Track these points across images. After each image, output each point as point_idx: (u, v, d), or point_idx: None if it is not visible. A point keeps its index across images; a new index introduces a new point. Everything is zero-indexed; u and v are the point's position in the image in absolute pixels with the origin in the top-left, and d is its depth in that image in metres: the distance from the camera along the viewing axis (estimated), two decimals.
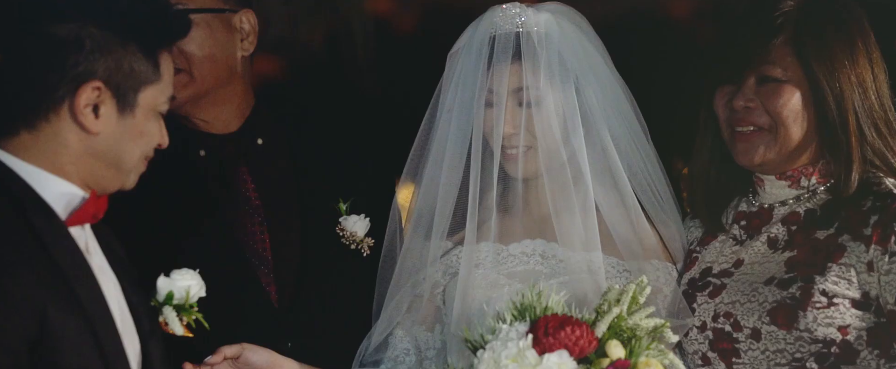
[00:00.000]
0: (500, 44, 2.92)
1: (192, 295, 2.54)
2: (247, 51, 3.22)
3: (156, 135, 2.52)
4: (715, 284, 2.93)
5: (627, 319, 2.60)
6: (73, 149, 2.48)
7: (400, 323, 3.00)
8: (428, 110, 3.04)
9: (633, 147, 3.00)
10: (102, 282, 2.47)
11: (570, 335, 2.50)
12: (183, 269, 2.58)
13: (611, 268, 2.93)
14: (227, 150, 3.21)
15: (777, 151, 2.89)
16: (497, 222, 2.95)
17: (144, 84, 2.49)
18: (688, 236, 3.07)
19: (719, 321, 2.88)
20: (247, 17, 3.20)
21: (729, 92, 2.92)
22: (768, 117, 2.88)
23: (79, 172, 2.49)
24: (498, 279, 2.91)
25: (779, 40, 2.86)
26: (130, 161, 2.51)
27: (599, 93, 2.96)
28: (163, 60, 2.52)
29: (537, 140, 2.92)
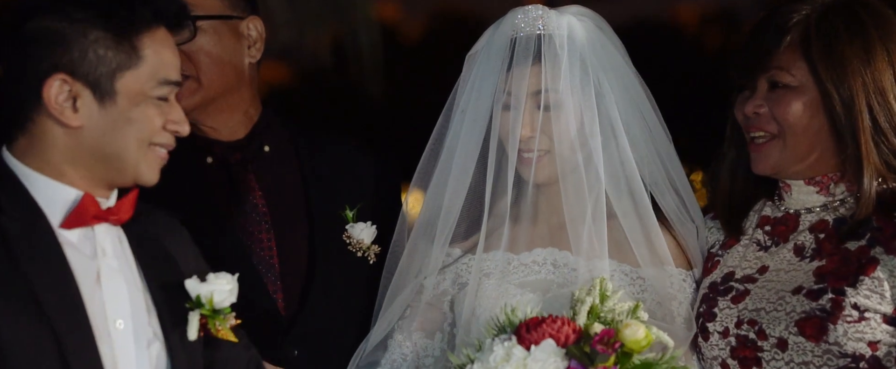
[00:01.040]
0: (521, 46, 2.90)
1: (216, 301, 2.50)
2: (254, 58, 3.22)
3: (150, 121, 2.47)
4: (738, 290, 2.89)
5: (602, 307, 2.60)
6: (63, 146, 2.46)
7: (400, 328, 2.98)
8: (442, 113, 3.02)
9: (654, 152, 2.97)
10: (108, 287, 2.46)
11: (551, 325, 2.51)
12: (221, 273, 2.53)
13: (624, 275, 2.90)
14: (234, 157, 3.21)
15: (790, 158, 2.87)
16: (508, 230, 2.92)
17: (120, 70, 2.44)
18: (708, 237, 3.03)
19: (743, 328, 2.84)
20: (254, 24, 3.20)
21: (745, 97, 2.91)
22: (776, 124, 2.86)
23: (78, 171, 2.47)
24: (508, 289, 2.89)
25: (788, 45, 2.84)
26: (128, 151, 2.46)
27: (620, 97, 2.94)
28: (145, 44, 2.46)
29: (554, 144, 2.90)
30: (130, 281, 2.51)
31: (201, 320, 2.51)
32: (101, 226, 2.49)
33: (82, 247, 2.47)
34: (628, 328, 2.51)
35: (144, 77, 2.46)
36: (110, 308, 2.46)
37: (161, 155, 2.52)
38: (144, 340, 2.48)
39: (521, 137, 2.89)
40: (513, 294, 2.87)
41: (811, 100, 2.84)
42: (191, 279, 2.50)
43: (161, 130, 2.49)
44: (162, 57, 2.47)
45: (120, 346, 2.46)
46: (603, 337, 2.50)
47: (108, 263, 2.49)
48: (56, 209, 2.46)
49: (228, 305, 2.51)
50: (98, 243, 2.49)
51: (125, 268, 2.51)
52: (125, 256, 2.53)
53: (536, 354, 2.48)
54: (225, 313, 2.51)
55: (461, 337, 2.90)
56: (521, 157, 2.90)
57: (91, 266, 2.47)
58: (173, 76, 2.49)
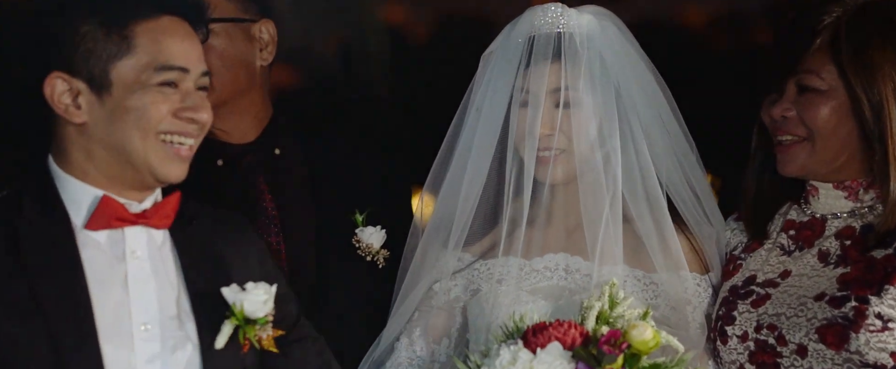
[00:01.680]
0: (540, 44, 2.88)
1: (247, 311, 2.47)
2: (266, 60, 3.23)
3: (149, 109, 2.45)
4: (759, 294, 2.86)
5: (611, 313, 2.58)
6: (78, 145, 2.48)
7: (406, 331, 2.97)
8: (456, 113, 3.00)
9: (673, 154, 2.95)
10: (135, 290, 2.46)
11: (558, 328, 2.50)
12: (259, 283, 2.50)
13: (637, 280, 2.88)
14: (245, 160, 3.22)
15: (818, 162, 2.83)
16: (519, 235, 2.89)
17: (113, 59, 2.45)
18: (731, 239, 3.01)
19: (762, 333, 2.81)
20: (266, 27, 3.21)
21: (772, 100, 2.88)
22: (805, 127, 2.82)
23: (99, 170, 2.49)
24: (520, 296, 2.86)
25: (818, 48, 2.80)
26: (131, 142, 2.46)
27: (640, 98, 2.92)
28: (139, 32, 2.46)
29: (572, 143, 2.87)
30: (164, 285, 2.50)
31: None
32: (134, 229, 2.50)
33: (110, 249, 2.48)
34: (635, 329, 2.49)
35: (140, 65, 2.45)
36: (136, 311, 2.47)
37: (175, 148, 2.49)
38: (173, 344, 2.47)
39: (539, 135, 2.86)
40: (525, 300, 2.84)
41: (840, 105, 2.80)
42: (229, 287, 2.48)
43: (168, 118, 2.47)
44: (161, 44, 2.47)
45: (144, 349, 2.46)
46: (610, 338, 2.49)
47: (138, 266, 2.49)
48: (80, 210, 2.48)
49: (263, 316, 2.48)
50: (128, 245, 2.49)
51: (161, 271, 2.51)
52: (163, 260, 2.52)
53: (542, 357, 2.47)
54: (261, 323, 2.48)
55: (474, 345, 2.88)
56: (538, 156, 2.87)
57: (118, 268, 2.47)
58: (176, 61, 2.47)
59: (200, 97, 2.52)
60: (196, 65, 2.51)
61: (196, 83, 2.52)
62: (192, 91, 2.50)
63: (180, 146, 2.49)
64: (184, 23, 2.51)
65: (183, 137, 2.49)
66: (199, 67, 2.52)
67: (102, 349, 2.41)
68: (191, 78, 2.51)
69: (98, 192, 2.48)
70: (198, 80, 2.52)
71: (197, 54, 2.51)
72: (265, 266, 2.65)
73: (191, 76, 2.50)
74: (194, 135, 2.51)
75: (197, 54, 2.51)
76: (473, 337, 2.90)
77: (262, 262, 2.65)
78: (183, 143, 2.50)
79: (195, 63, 2.51)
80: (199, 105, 2.49)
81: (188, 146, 2.51)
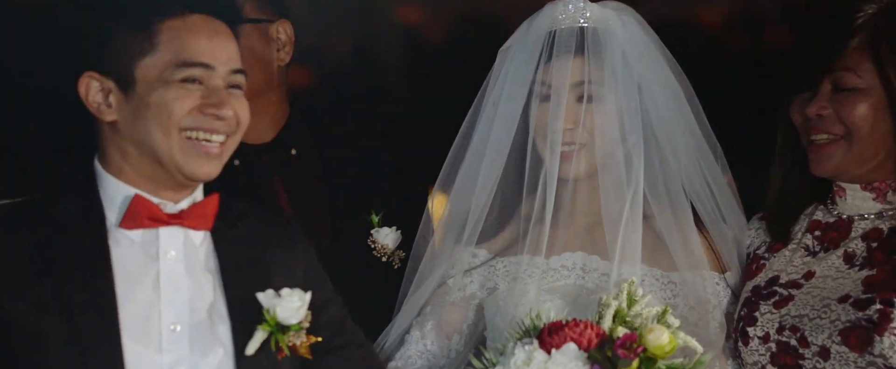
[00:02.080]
0: (562, 38, 2.86)
1: (280, 317, 2.47)
2: (283, 61, 3.25)
3: (170, 104, 2.47)
4: (781, 294, 2.83)
5: (628, 312, 2.56)
6: (113, 143, 2.52)
7: (418, 324, 2.95)
8: (471, 109, 2.98)
9: (692, 152, 2.93)
10: (166, 290, 2.47)
11: (573, 329, 2.47)
12: (294, 290, 2.49)
13: (655, 280, 2.86)
14: (261, 160, 3.23)
15: (854, 161, 2.80)
16: (537, 232, 2.88)
17: (137, 57, 2.48)
18: (755, 239, 2.98)
19: (784, 334, 2.78)
20: (283, 28, 3.23)
21: (804, 99, 2.84)
22: (842, 126, 2.79)
23: (133, 168, 2.51)
24: (537, 294, 2.84)
25: (855, 45, 2.77)
26: (154, 138, 2.48)
27: (660, 94, 2.90)
28: (163, 30, 2.49)
29: (593, 138, 2.85)
30: (198, 287, 2.51)
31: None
32: (169, 229, 2.51)
33: (144, 248, 2.50)
34: (652, 333, 2.47)
35: (162, 62, 2.48)
36: (166, 311, 2.48)
37: (202, 145, 2.50)
38: (202, 346, 2.48)
39: (558, 129, 2.83)
40: (542, 299, 2.82)
41: (878, 102, 2.77)
42: (265, 292, 2.48)
43: (192, 114, 2.48)
44: (184, 41, 2.49)
45: (172, 349, 2.47)
46: (625, 342, 2.46)
47: (170, 266, 2.50)
48: (115, 208, 2.51)
49: (297, 322, 2.47)
50: (161, 245, 2.51)
51: (196, 273, 2.52)
52: (200, 261, 2.53)
53: (557, 358, 2.45)
54: (294, 330, 2.47)
55: (491, 343, 2.86)
56: (556, 151, 2.85)
57: (151, 267, 2.49)
58: (199, 58, 2.49)
59: (229, 94, 2.52)
60: (224, 62, 2.52)
61: (226, 81, 2.53)
62: (220, 88, 2.51)
63: (207, 143, 2.50)
64: (214, 21, 2.53)
65: (209, 134, 2.50)
66: (228, 65, 2.53)
67: (128, 347, 2.43)
68: (218, 75, 2.51)
69: (131, 191, 2.51)
70: (227, 78, 2.53)
71: (227, 52, 2.52)
72: (310, 272, 2.65)
73: (217, 73, 2.51)
74: (221, 131, 2.51)
75: (227, 52, 2.52)
76: (491, 334, 2.89)
77: (306, 268, 2.65)
78: (210, 140, 2.50)
79: (223, 60, 2.52)
80: (224, 101, 2.49)
81: (218, 143, 2.51)
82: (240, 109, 2.53)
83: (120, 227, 2.50)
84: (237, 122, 2.53)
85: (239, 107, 2.53)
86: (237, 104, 2.53)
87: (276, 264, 2.58)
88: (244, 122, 2.55)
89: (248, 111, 2.56)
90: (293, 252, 2.64)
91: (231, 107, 2.50)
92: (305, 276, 2.62)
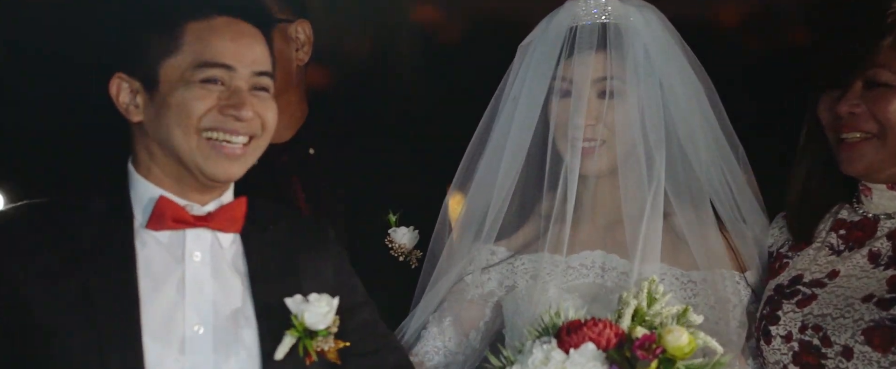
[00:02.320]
0: (583, 34, 2.84)
1: (307, 322, 2.46)
2: (302, 60, 3.25)
3: (188, 104, 2.48)
4: (805, 294, 2.81)
5: (648, 311, 2.54)
6: (141, 144, 2.53)
7: (435, 320, 2.94)
8: (490, 103, 2.96)
9: (714, 151, 2.91)
10: (191, 292, 2.47)
11: (592, 328, 2.45)
12: (322, 295, 2.48)
13: (675, 279, 2.84)
14: (280, 160, 3.23)
15: (886, 159, 2.77)
16: (556, 230, 2.86)
17: (160, 58, 2.50)
18: (778, 237, 2.96)
19: (807, 333, 2.76)
20: (302, 27, 3.23)
21: (834, 97, 2.81)
22: (876, 123, 2.76)
23: (162, 170, 2.53)
24: (556, 293, 2.82)
25: (887, 42, 2.75)
26: (174, 138, 2.49)
27: (682, 92, 2.88)
28: (188, 31, 2.50)
29: (613, 135, 2.83)
30: (224, 290, 2.51)
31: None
32: (196, 231, 2.52)
33: (170, 249, 2.51)
34: (671, 333, 2.45)
35: (184, 63, 2.49)
36: (190, 312, 2.48)
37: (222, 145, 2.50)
38: (225, 349, 2.48)
39: (579, 125, 2.81)
40: (561, 298, 2.81)
41: None
42: (293, 297, 2.47)
43: (211, 115, 2.49)
44: (206, 42, 2.50)
45: (194, 351, 2.47)
46: (643, 343, 2.45)
47: (196, 268, 2.50)
48: (143, 209, 2.52)
49: (324, 328, 2.46)
50: (187, 247, 2.51)
51: (223, 276, 2.52)
52: (228, 263, 2.53)
53: (575, 358, 2.44)
54: (322, 335, 2.47)
55: (510, 341, 2.86)
56: (578, 147, 2.83)
57: (176, 269, 2.50)
58: (220, 59, 2.49)
59: (254, 96, 2.52)
60: (248, 64, 2.52)
61: (249, 82, 2.53)
62: (242, 90, 2.51)
63: (227, 144, 2.50)
64: (241, 24, 2.53)
65: (229, 135, 2.50)
66: (252, 67, 2.52)
67: (149, 347, 2.43)
68: (240, 77, 2.51)
69: (158, 192, 2.52)
70: (251, 80, 2.53)
71: (252, 54, 2.52)
72: (340, 276, 2.65)
73: (240, 75, 2.51)
74: (242, 132, 2.51)
75: (252, 54, 2.52)
76: (509, 333, 2.88)
77: (337, 272, 2.65)
78: (230, 141, 2.50)
79: (246, 62, 2.51)
80: (243, 102, 2.49)
81: (240, 145, 2.51)
82: (264, 111, 2.53)
83: (147, 228, 2.51)
84: (262, 125, 2.53)
85: (264, 110, 2.53)
86: (262, 106, 2.53)
87: (306, 268, 2.59)
88: (270, 125, 2.55)
89: (276, 113, 2.56)
90: (324, 256, 2.63)
91: (251, 109, 2.50)
92: (336, 280, 2.62)
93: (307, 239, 2.63)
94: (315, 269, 2.59)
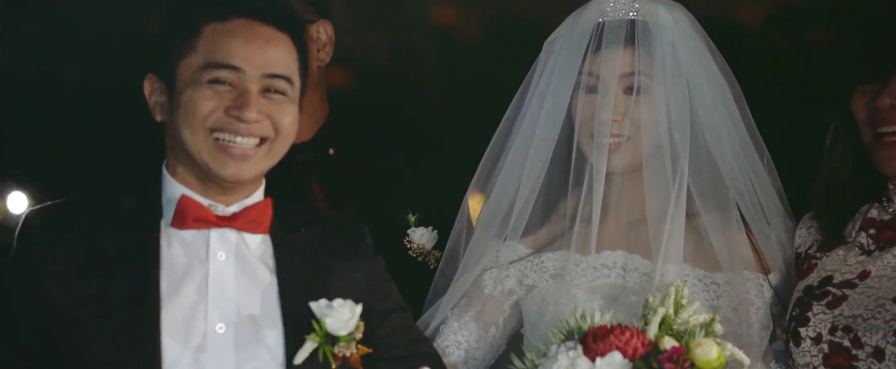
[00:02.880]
0: (611, 29, 2.81)
1: (329, 327, 2.45)
2: (323, 61, 3.25)
3: (194, 104, 2.49)
4: (835, 295, 2.77)
5: (675, 319, 2.50)
6: (168, 145, 2.56)
7: (455, 315, 2.91)
8: (514, 100, 2.94)
9: (740, 151, 2.88)
10: (214, 291, 2.48)
11: (619, 336, 2.41)
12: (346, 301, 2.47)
13: (697, 280, 2.81)
14: (299, 160, 3.22)
15: None
16: (581, 229, 2.83)
17: (179, 58, 2.52)
18: (806, 238, 2.92)
19: (837, 335, 2.72)
20: (324, 28, 3.23)
21: (871, 91, 2.77)
22: None
23: (186, 169, 2.55)
24: (577, 294, 2.80)
25: None
26: (184, 136, 2.51)
27: (708, 92, 2.85)
28: (204, 31, 2.51)
29: (639, 131, 2.80)
30: (249, 290, 2.52)
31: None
32: (220, 230, 2.53)
33: (195, 249, 2.52)
34: (700, 347, 2.41)
35: (196, 64, 2.51)
36: (212, 311, 2.49)
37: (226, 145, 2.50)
38: (246, 349, 2.48)
39: (605, 121, 2.79)
40: (582, 298, 2.78)
41: None
42: (318, 301, 2.47)
43: (216, 115, 2.50)
44: (218, 43, 2.51)
45: (215, 350, 2.48)
46: (672, 355, 2.40)
47: (219, 268, 2.51)
48: (170, 208, 2.54)
49: (346, 333, 2.45)
50: (211, 247, 2.52)
51: (248, 276, 2.52)
52: (253, 264, 2.54)
53: (601, 366, 2.41)
54: (344, 341, 2.45)
55: (529, 341, 2.84)
56: (601, 143, 2.80)
57: (200, 268, 2.51)
58: (228, 60, 2.50)
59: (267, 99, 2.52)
60: (259, 66, 2.51)
61: (260, 85, 2.52)
62: (250, 92, 2.50)
63: (230, 144, 2.50)
64: (259, 26, 2.53)
65: (232, 135, 2.50)
66: (263, 69, 2.52)
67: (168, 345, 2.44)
68: (250, 78, 2.51)
69: (182, 191, 2.54)
70: (262, 82, 2.52)
71: (263, 57, 2.51)
72: (373, 281, 2.65)
73: (249, 76, 2.51)
74: (247, 134, 2.51)
75: (263, 57, 2.51)
76: (529, 332, 2.86)
77: (369, 278, 2.65)
78: (233, 142, 2.50)
79: (257, 64, 2.51)
80: (247, 104, 2.49)
81: (250, 146, 2.52)
82: (277, 114, 2.52)
83: (171, 227, 2.52)
84: (275, 127, 2.52)
85: (276, 112, 2.52)
86: (275, 109, 2.52)
87: (336, 272, 2.59)
88: (284, 128, 2.54)
89: (294, 117, 2.55)
90: (355, 261, 2.63)
91: (257, 111, 2.49)
92: (367, 286, 2.62)
93: (340, 243, 2.64)
94: (345, 274, 2.60)
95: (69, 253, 2.48)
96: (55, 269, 2.46)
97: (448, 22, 4.34)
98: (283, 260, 2.55)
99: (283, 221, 2.60)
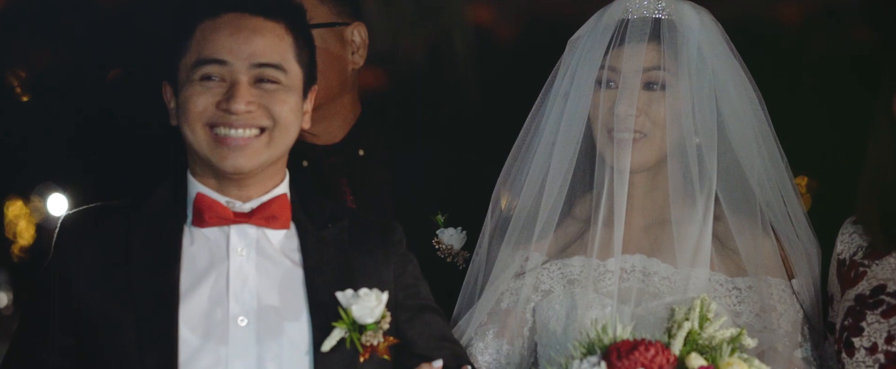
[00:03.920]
0: (635, 25, 2.77)
1: (355, 315, 2.47)
2: (357, 64, 3.24)
3: (188, 101, 2.54)
4: (889, 304, 2.70)
5: (701, 333, 2.46)
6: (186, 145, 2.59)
7: (479, 335, 2.87)
8: (538, 99, 2.91)
9: (766, 157, 2.83)
10: (235, 285, 2.52)
11: (644, 354, 2.36)
12: (372, 290, 2.49)
13: (719, 285, 2.77)
14: (329, 161, 3.22)
15: None
16: (601, 232, 2.78)
17: (178, 59, 2.56)
18: (849, 244, 2.85)
19: (894, 344, 2.66)
20: (358, 31, 3.22)
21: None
22: None
23: (201, 169, 2.59)
24: (595, 298, 2.77)
25: None
26: (188, 137, 2.56)
27: (735, 95, 2.81)
28: (198, 30, 2.55)
29: (658, 128, 2.75)
30: (271, 284, 2.54)
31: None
32: (240, 227, 2.56)
33: (216, 245, 2.56)
34: (730, 367, 2.38)
35: (189, 62, 2.55)
36: (234, 305, 2.52)
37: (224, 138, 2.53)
38: (269, 342, 2.51)
39: (623, 115, 2.74)
40: (600, 304, 2.75)
41: None
42: (344, 291, 2.49)
43: (210, 110, 2.53)
44: (206, 39, 2.54)
45: (237, 343, 2.51)
46: None
47: (239, 263, 2.54)
48: (191, 206, 2.59)
49: (372, 322, 2.47)
50: (231, 243, 2.56)
51: (270, 271, 2.55)
52: (277, 259, 2.56)
53: None
54: (371, 330, 2.47)
55: (543, 349, 2.82)
56: (622, 138, 2.75)
57: (221, 264, 2.55)
58: (213, 55, 2.52)
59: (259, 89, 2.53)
60: (245, 57, 2.53)
61: (250, 75, 2.53)
62: (240, 83, 2.52)
63: (227, 136, 2.54)
64: (246, 17, 2.55)
65: (226, 128, 2.53)
66: (250, 60, 2.53)
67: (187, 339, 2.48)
68: (238, 70, 2.53)
69: (199, 189, 2.58)
70: (251, 73, 2.54)
71: (250, 47, 2.53)
72: (402, 278, 2.66)
73: (237, 68, 2.53)
74: (240, 125, 2.53)
75: (250, 47, 2.53)
76: (545, 340, 2.82)
77: (399, 275, 2.65)
78: (229, 134, 2.53)
79: (242, 55, 2.53)
80: (235, 95, 2.51)
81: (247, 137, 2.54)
82: (271, 103, 2.54)
83: (192, 225, 2.57)
84: (272, 117, 2.53)
85: (270, 101, 2.54)
86: (268, 98, 2.53)
87: (363, 268, 2.60)
88: (282, 117, 2.55)
89: (291, 105, 2.55)
90: (384, 258, 2.64)
91: (246, 101, 2.51)
92: (396, 283, 2.62)
93: (369, 239, 2.65)
94: (372, 270, 2.60)
95: (99, 253, 2.54)
96: (85, 270, 2.52)
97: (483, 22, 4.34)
98: (310, 252, 2.57)
99: (312, 215, 2.62)
